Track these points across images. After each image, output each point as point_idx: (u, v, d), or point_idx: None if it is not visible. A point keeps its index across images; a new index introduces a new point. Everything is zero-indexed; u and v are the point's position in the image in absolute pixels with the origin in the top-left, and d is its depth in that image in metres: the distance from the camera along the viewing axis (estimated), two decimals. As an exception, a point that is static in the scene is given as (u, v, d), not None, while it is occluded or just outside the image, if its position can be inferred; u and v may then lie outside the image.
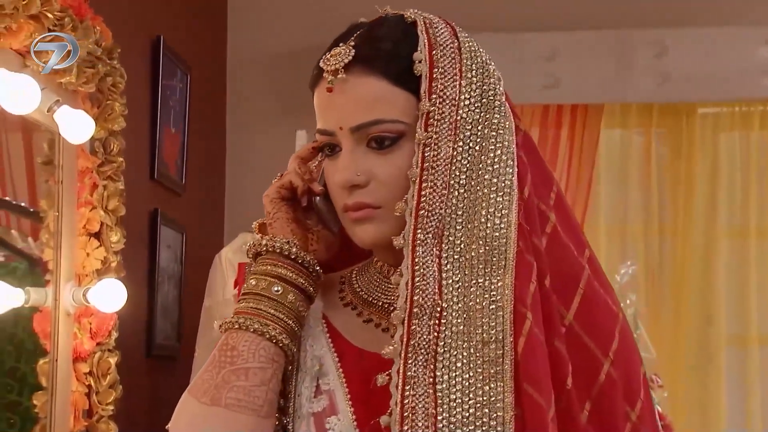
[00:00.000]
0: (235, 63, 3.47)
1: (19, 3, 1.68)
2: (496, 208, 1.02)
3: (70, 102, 1.89)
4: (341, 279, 1.17)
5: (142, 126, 2.66)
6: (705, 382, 3.10)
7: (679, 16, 3.25)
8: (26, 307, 1.87)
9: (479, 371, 0.98)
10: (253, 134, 3.42)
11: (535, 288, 1.01)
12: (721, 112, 3.24)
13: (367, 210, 1.05)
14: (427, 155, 1.02)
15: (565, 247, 1.07)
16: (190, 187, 3.02)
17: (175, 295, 2.86)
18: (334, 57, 1.06)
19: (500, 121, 1.05)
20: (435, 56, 1.05)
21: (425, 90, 1.03)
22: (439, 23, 1.08)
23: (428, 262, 1.00)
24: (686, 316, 3.15)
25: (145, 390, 2.65)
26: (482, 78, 1.06)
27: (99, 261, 2.02)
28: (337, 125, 1.06)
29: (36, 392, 1.92)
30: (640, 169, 3.25)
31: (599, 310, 1.08)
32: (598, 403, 1.04)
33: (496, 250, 1.01)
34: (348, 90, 1.05)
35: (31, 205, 2.05)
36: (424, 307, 0.99)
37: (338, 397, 1.08)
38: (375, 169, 1.05)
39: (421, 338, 0.99)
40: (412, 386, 0.98)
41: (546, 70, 3.12)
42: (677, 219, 3.21)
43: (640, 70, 3.18)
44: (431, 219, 1.01)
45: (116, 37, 2.06)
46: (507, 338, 0.99)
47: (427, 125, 1.03)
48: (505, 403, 0.98)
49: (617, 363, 1.06)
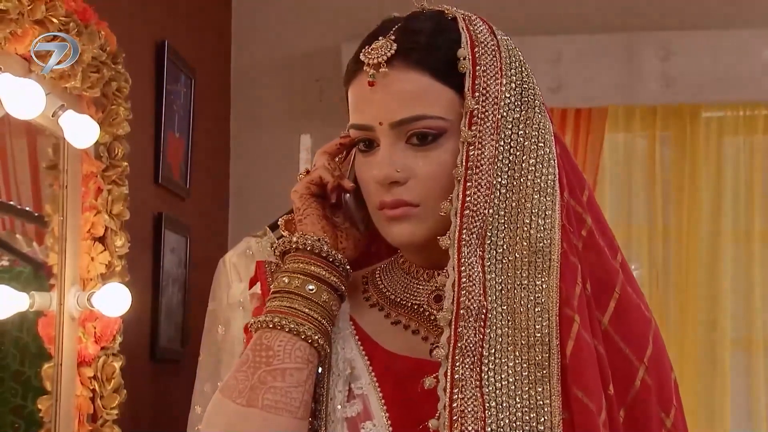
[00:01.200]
0: (240, 68, 3.48)
1: (24, 8, 1.68)
2: (540, 208, 1.00)
3: (74, 107, 1.90)
4: (364, 278, 1.14)
5: (146, 130, 2.66)
6: (710, 386, 3.09)
7: (684, 19, 3.25)
8: (31, 311, 1.87)
9: (525, 374, 0.97)
10: (257, 138, 3.43)
11: (580, 290, 1.00)
12: (726, 115, 3.24)
13: (405, 208, 1.03)
14: (471, 154, 1.00)
15: (601, 250, 1.06)
16: (194, 191, 3.02)
17: (179, 298, 2.86)
18: (375, 50, 1.02)
19: (541, 121, 1.04)
20: (477, 53, 1.02)
21: (469, 87, 1.01)
22: (478, 20, 1.06)
23: (473, 263, 0.98)
24: (691, 320, 3.14)
25: (150, 394, 2.66)
26: (521, 77, 1.05)
27: (103, 265, 2.02)
28: (376, 120, 1.03)
29: (40, 396, 1.92)
30: (645, 173, 3.25)
31: (633, 315, 1.07)
32: (633, 410, 1.03)
33: (540, 251, 0.99)
34: (389, 84, 1.02)
35: (35, 210, 2.06)
36: (471, 309, 0.97)
37: (372, 401, 1.05)
38: (415, 166, 1.02)
39: (468, 340, 0.97)
40: (460, 389, 0.96)
41: (550, 74, 3.12)
42: (681, 222, 3.21)
43: (645, 74, 3.18)
44: (476, 219, 0.99)
45: (121, 41, 2.07)
46: (553, 341, 0.98)
47: (471, 123, 1.01)
48: (552, 407, 0.96)
49: (651, 369, 1.05)
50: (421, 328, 1.06)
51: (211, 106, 3.27)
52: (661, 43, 3.17)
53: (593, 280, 1.03)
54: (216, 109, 3.36)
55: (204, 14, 3.28)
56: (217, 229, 3.32)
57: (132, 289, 2.03)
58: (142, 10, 2.67)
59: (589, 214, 1.06)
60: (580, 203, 1.06)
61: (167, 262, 2.75)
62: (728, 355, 3.14)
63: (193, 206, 3.03)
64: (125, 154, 2.09)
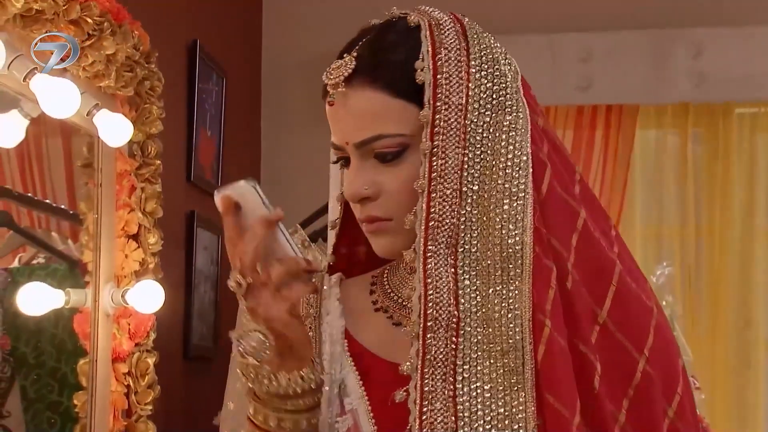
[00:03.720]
0: (271, 67, 3.49)
1: (60, 8, 1.70)
2: (510, 213, 1.00)
3: (108, 106, 1.91)
4: (373, 278, 1.14)
5: (178, 129, 2.68)
6: (743, 384, 3.07)
7: (716, 16, 3.22)
8: (66, 308, 1.89)
9: (499, 381, 0.97)
10: (287, 138, 3.45)
11: (555, 293, 0.99)
12: (759, 112, 3.21)
13: (378, 223, 1.04)
14: (434, 164, 0.99)
15: (596, 242, 1.05)
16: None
17: (211, 296, 2.88)
18: (335, 70, 1.04)
19: (512, 122, 1.02)
20: (439, 61, 1.01)
21: (428, 98, 1.00)
22: (446, 23, 1.04)
23: (441, 273, 0.98)
24: (724, 318, 3.11)
25: (182, 390, 2.68)
26: (492, 78, 1.02)
27: (137, 262, 2.04)
28: (343, 140, 1.05)
29: (76, 392, 1.94)
30: (676, 170, 3.23)
31: (632, 306, 1.06)
32: (635, 402, 1.03)
33: (511, 256, 0.99)
34: (348, 104, 1.03)
35: (70, 208, 2.08)
36: (439, 320, 0.97)
37: (361, 416, 1.05)
38: (383, 182, 1.03)
39: (438, 351, 0.97)
40: (429, 401, 0.96)
41: (580, 72, 3.10)
42: (714, 220, 3.18)
43: (676, 71, 3.16)
44: (442, 229, 0.99)
45: (153, 41, 2.09)
46: (527, 347, 0.97)
47: (433, 134, 1.00)
48: (527, 414, 0.96)
49: (653, 359, 1.04)
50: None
51: (242, 105, 3.29)
52: (692, 39, 3.15)
53: (589, 273, 1.03)
54: (247, 108, 3.38)
55: (235, 14, 3.30)
56: (248, 227, 3.33)
57: (165, 286, 2.05)
58: (174, 10, 2.70)
59: (582, 206, 1.05)
60: (572, 196, 1.05)
61: (199, 260, 2.78)
62: (763, 355, 3.11)
63: (225, 205, 3.04)
64: (158, 153, 2.11)
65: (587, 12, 3.27)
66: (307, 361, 1.06)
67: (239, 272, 1.04)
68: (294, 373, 1.05)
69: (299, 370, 1.05)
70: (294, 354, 1.05)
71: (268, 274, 1.04)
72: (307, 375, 1.05)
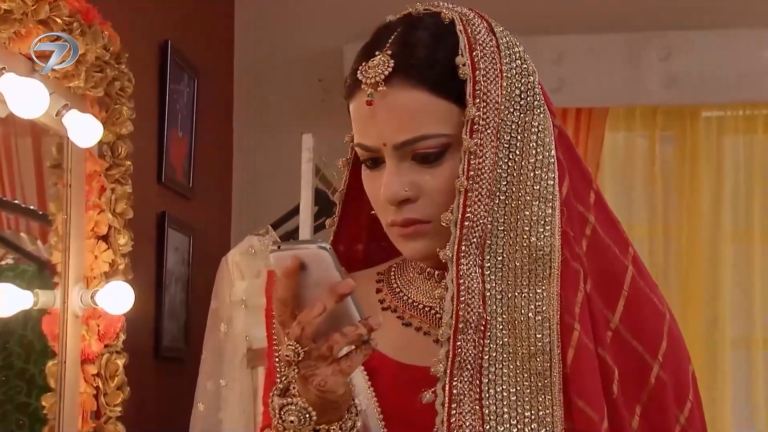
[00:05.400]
0: (243, 68, 3.49)
1: (28, 8, 1.70)
2: (539, 215, 0.98)
3: (78, 106, 1.91)
4: (379, 275, 1.11)
5: (150, 130, 2.68)
6: (711, 384, 3.10)
7: (685, 19, 3.25)
8: (35, 309, 1.89)
9: (526, 384, 0.95)
10: (260, 138, 3.44)
11: (582, 297, 0.98)
12: (726, 115, 3.25)
13: (416, 227, 1.00)
14: (473, 163, 0.97)
15: (607, 248, 1.04)
16: (197, 190, 3.04)
17: (182, 297, 2.88)
18: (373, 69, 0.98)
19: (540, 123, 1.00)
20: (476, 57, 0.99)
21: (470, 94, 0.98)
22: (475, 19, 1.02)
23: (472, 274, 0.96)
24: (692, 319, 3.15)
25: (153, 391, 2.67)
26: (521, 76, 1.01)
27: (107, 263, 2.03)
28: (380, 141, 1.00)
29: (45, 394, 1.94)
30: (645, 172, 3.25)
31: (645, 310, 1.04)
32: (648, 408, 1.02)
33: (540, 259, 0.97)
34: (389, 104, 0.98)
35: (40, 208, 2.07)
36: (470, 322, 0.95)
37: (370, 417, 1.03)
38: (423, 184, 0.99)
39: (467, 353, 0.95)
40: (458, 404, 0.94)
41: (551, 74, 3.12)
42: (682, 222, 3.22)
43: (646, 73, 3.18)
44: (475, 229, 0.97)
45: (124, 41, 2.08)
46: (554, 350, 0.96)
47: (472, 132, 0.97)
48: (554, 418, 0.95)
49: (666, 365, 1.03)
50: (432, 330, 1.04)
51: (215, 105, 3.29)
52: (661, 43, 3.18)
53: (600, 279, 1.02)
54: (219, 109, 3.37)
55: (207, 14, 3.29)
56: (220, 227, 3.33)
57: (135, 287, 2.05)
58: (145, 10, 2.69)
59: (592, 212, 1.04)
60: (582, 202, 1.04)
61: (170, 261, 2.77)
62: (729, 354, 3.15)
63: (197, 205, 3.04)
64: (128, 153, 2.10)
65: (559, 15, 3.30)
66: (345, 409, 0.98)
67: (296, 340, 0.92)
68: (334, 425, 0.97)
69: (339, 422, 0.97)
70: (336, 410, 0.97)
71: (330, 348, 0.92)
72: (345, 424, 0.97)
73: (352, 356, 0.93)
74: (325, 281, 0.92)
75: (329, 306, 0.91)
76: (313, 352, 0.92)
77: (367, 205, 1.07)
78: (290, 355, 0.92)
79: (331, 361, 0.92)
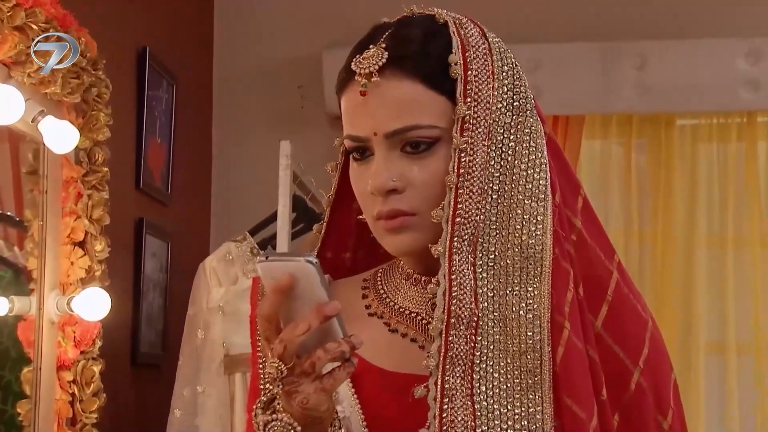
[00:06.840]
0: (222, 74, 3.49)
1: (4, 14, 1.70)
2: (531, 214, 0.99)
3: (54, 112, 1.91)
4: (364, 283, 1.11)
5: (127, 136, 2.68)
6: (684, 389, 3.11)
7: (660, 29, 3.29)
8: (10, 315, 1.88)
9: (517, 381, 0.96)
10: (238, 144, 3.45)
11: (572, 296, 0.99)
12: (700, 123, 3.29)
13: (402, 218, 1.01)
14: (463, 161, 0.98)
15: (592, 253, 1.05)
16: (175, 197, 3.04)
17: (160, 303, 2.87)
18: (367, 59, 1.00)
19: (533, 125, 1.02)
20: (468, 57, 1.01)
21: (461, 92, 1.00)
22: (468, 23, 1.05)
23: (464, 270, 0.97)
24: (666, 324, 3.17)
25: (130, 398, 2.67)
26: (513, 80, 1.03)
27: (83, 270, 2.03)
28: (371, 131, 1.01)
29: (20, 400, 1.93)
30: (620, 180, 3.29)
31: (628, 317, 1.06)
32: (627, 414, 1.03)
33: (531, 257, 0.98)
34: (382, 94, 1.00)
35: (17, 215, 2.06)
36: (461, 318, 0.96)
37: (354, 424, 1.03)
38: (411, 176, 1.00)
39: (459, 349, 0.96)
40: (450, 398, 0.95)
41: (528, 82, 3.15)
42: (657, 228, 3.25)
43: (621, 82, 3.21)
44: (467, 226, 0.98)
45: (102, 48, 2.08)
46: (545, 348, 0.97)
47: (463, 129, 0.99)
48: (544, 415, 0.96)
49: (647, 371, 1.04)
50: (418, 336, 1.05)
51: (193, 111, 3.29)
52: (636, 52, 3.21)
53: (585, 283, 1.03)
54: (197, 115, 3.37)
55: (186, 20, 3.30)
56: (198, 234, 3.33)
57: (112, 293, 2.05)
58: (123, 16, 2.69)
59: (579, 217, 1.06)
60: (570, 207, 1.06)
61: (148, 267, 2.77)
62: (702, 359, 3.18)
63: (175, 211, 3.04)
64: (106, 160, 2.10)
65: (535, 23, 3.33)
66: (328, 424, 0.99)
67: (279, 357, 0.92)
68: None
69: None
70: (320, 425, 0.97)
71: (312, 364, 0.93)
72: None
73: (335, 374, 0.94)
74: (310, 296, 0.92)
75: (314, 326, 0.92)
76: (296, 368, 0.92)
77: (356, 211, 1.09)
78: (273, 373, 0.92)
79: (314, 377, 0.93)
